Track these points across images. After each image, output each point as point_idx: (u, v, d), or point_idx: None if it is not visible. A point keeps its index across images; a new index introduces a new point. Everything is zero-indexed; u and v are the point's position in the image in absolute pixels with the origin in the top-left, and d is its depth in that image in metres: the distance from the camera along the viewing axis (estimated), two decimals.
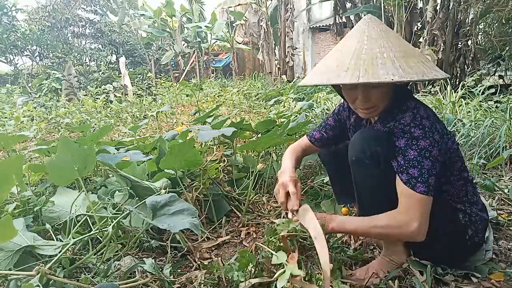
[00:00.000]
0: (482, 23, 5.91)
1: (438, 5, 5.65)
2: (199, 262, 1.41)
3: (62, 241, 1.28)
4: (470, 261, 1.25)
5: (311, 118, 3.87)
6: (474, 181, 1.25)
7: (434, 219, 1.09)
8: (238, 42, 14.43)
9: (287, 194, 1.25)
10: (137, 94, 9.13)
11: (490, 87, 4.07)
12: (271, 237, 1.10)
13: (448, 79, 4.47)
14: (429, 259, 1.22)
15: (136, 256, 1.43)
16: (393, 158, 1.11)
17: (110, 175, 2.10)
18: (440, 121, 1.14)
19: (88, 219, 1.46)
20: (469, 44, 5.59)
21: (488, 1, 5.21)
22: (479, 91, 4.01)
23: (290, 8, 10.55)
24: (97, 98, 7.37)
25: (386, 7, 6.12)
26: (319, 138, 1.49)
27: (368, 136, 1.15)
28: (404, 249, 1.27)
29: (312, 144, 1.51)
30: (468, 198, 1.20)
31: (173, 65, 15.58)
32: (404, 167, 1.07)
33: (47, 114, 5.90)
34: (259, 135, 2.45)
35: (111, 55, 15.01)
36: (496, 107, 3.45)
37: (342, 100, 1.42)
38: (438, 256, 1.23)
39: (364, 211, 1.25)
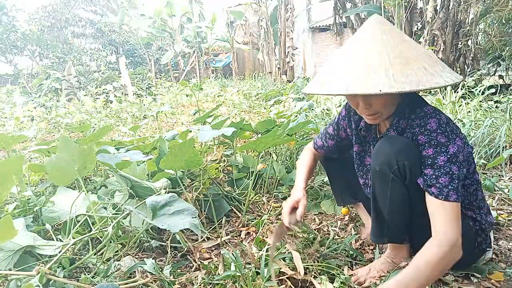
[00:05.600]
0: (482, 23, 5.90)
1: (438, 5, 5.64)
2: (199, 262, 1.41)
3: (62, 241, 1.28)
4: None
5: (311, 118, 3.86)
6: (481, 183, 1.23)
7: None
8: (238, 42, 14.42)
9: (292, 209, 1.28)
10: (137, 94, 9.13)
11: (490, 87, 4.07)
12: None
13: None
14: None
15: (136, 256, 1.43)
16: (419, 175, 1.06)
17: (110, 175, 2.10)
18: (456, 125, 1.11)
19: (88, 219, 1.46)
20: (469, 44, 5.58)
21: (488, 1, 5.20)
22: (479, 91, 4.01)
23: (290, 8, 10.56)
24: (97, 98, 7.37)
25: (386, 7, 6.12)
26: (321, 145, 1.46)
27: (397, 148, 1.07)
28: (408, 251, 1.27)
29: (317, 152, 1.49)
30: (477, 203, 1.18)
31: (173, 65, 15.56)
32: (434, 177, 1.02)
33: (47, 114, 5.90)
34: (259, 135, 2.45)
35: (111, 55, 15.03)
36: (496, 107, 3.45)
37: (344, 106, 1.38)
38: None
39: (378, 222, 1.22)
